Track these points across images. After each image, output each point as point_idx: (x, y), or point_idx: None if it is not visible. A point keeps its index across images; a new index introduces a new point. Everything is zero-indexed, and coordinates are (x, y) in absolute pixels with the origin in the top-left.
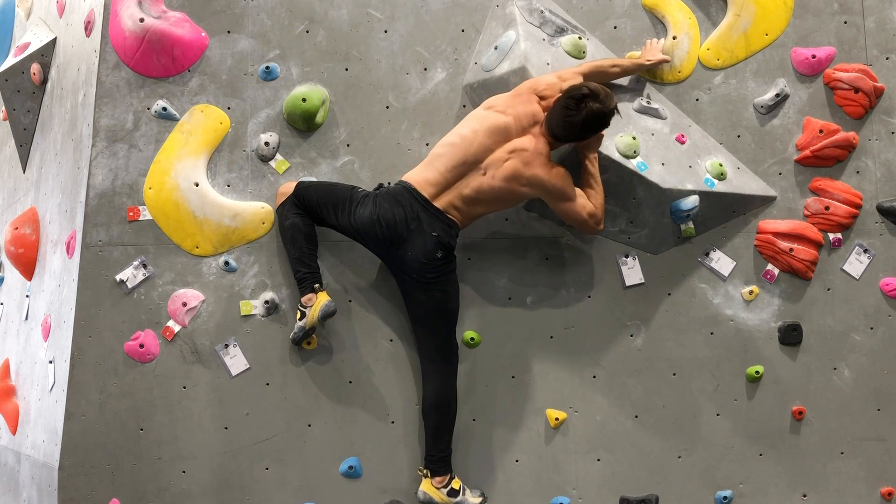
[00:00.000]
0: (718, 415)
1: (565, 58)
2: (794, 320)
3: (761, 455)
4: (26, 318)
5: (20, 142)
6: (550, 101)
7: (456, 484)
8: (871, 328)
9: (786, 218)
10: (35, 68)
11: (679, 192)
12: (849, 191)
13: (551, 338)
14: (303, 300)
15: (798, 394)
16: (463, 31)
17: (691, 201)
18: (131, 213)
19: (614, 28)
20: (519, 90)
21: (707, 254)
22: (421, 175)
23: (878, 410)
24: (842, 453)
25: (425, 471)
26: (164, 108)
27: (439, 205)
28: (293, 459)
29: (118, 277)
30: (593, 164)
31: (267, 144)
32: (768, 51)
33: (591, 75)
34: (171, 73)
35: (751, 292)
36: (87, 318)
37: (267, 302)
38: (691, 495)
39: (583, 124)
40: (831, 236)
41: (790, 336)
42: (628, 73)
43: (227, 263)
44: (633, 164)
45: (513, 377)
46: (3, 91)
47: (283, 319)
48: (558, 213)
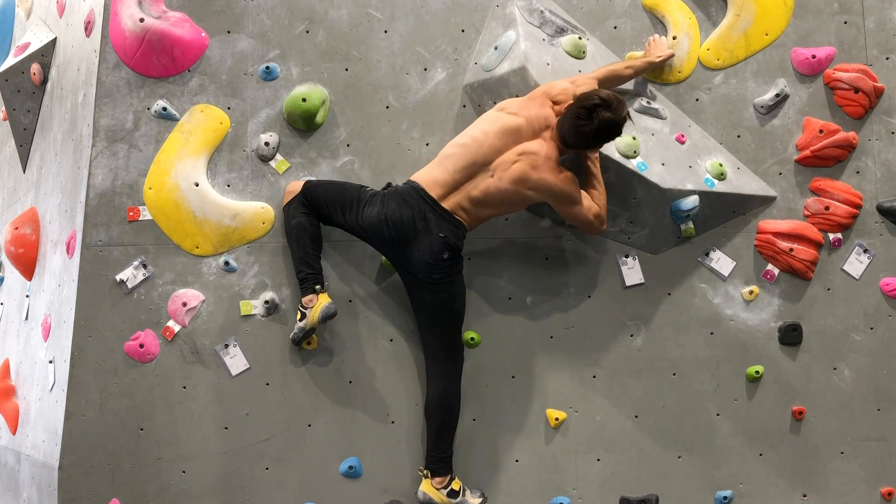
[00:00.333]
0: (718, 415)
1: (565, 58)
2: (794, 320)
3: (761, 455)
4: (26, 318)
5: (20, 142)
6: (563, 107)
7: (456, 485)
8: (871, 328)
9: (786, 218)
10: (35, 68)
11: (679, 192)
12: (849, 191)
13: (551, 338)
14: (304, 301)
15: (798, 394)
16: (463, 31)
17: (691, 201)
18: (131, 213)
19: (614, 28)
20: (533, 94)
21: (707, 254)
22: (429, 175)
23: (878, 410)
24: (842, 453)
25: (426, 471)
26: (164, 108)
27: (447, 205)
28: (293, 459)
29: (118, 277)
30: (595, 165)
31: (267, 144)
32: (768, 51)
33: (606, 80)
34: (171, 73)
35: (751, 292)
36: (87, 318)
37: (267, 302)
38: (691, 495)
39: (595, 134)
40: (831, 236)
41: (790, 336)
42: (641, 74)
43: (227, 263)
44: (633, 164)
45: (513, 377)
46: (3, 91)
47: (283, 319)
48: (564, 216)
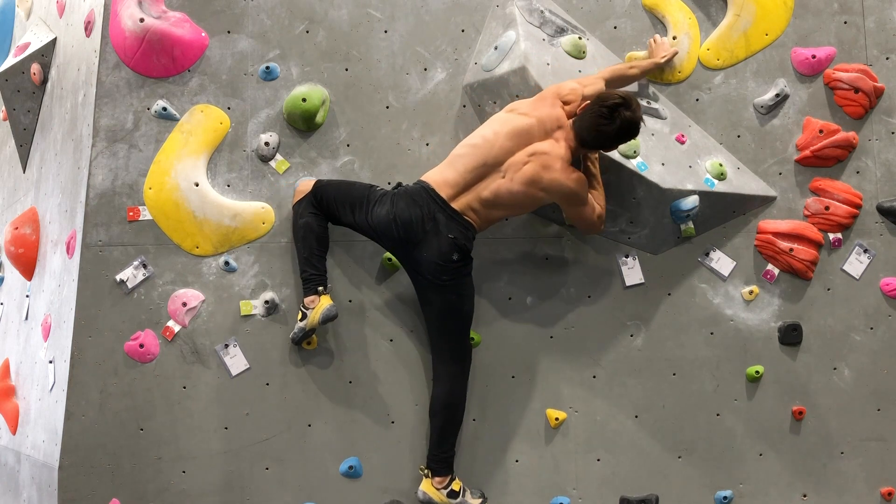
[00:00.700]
0: (718, 415)
1: (565, 58)
2: (794, 320)
3: (761, 455)
4: (26, 318)
5: (20, 142)
6: (573, 107)
7: (456, 485)
8: (871, 328)
9: (786, 218)
10: (35, 68)
11: (679, 192)
12: (849, 191)
13: (551, 338)
14: (306, 301)
15: (798, 394)
16: (463, 31)
17: (691, 201)
18: (131, 213)
19: (614, 28)
20: (543, 94)
21: (707, 254)
22: (440, 175)
23: (878, 410)
24: (842, 453)
25: (426, 470)
26: (164, 108)
27: (457, 206)
28: (293, 459)
29: (118, 277)
30: (595, 165)
31: (267, 144)
32: (768, 51)
33: (613, 80)
34: (171, 73)
35: (751, 292)
36: (87, 318)
37: (267, 302)
38: (691, 495)
39: (616, 133)
40: (831, 236)
41: (790, 336)
42: (647, 74)
43: (227, 263)
44: (633, 164)
45: (513, 377)
46: (3, 91)
47: (283, 319)
48: (570, 216)
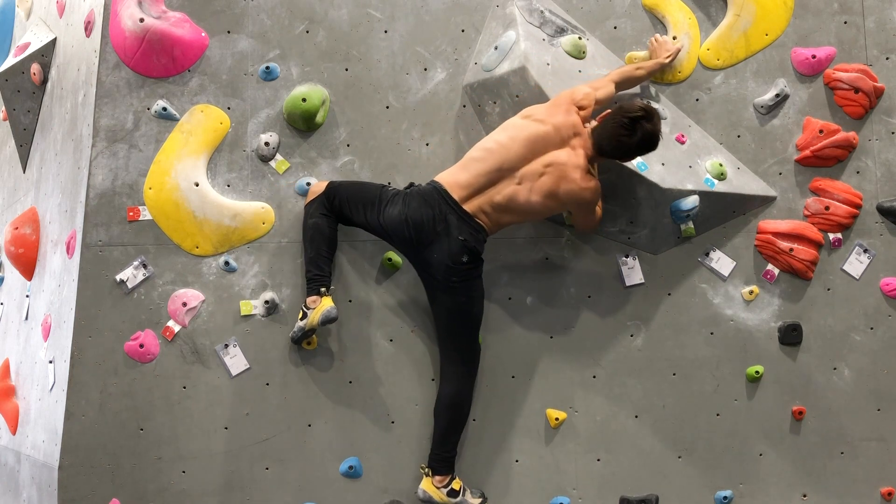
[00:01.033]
0: (718, 415)
1: (565, 58)
2: (794, 320)
3: (761, 455)
4: (26, 318)
5: (20, 142)
6: (588, 112)
7: (457, 484)
8: (871, 328)
9: (786, 218)
10: (35, 68)
11: (679, 192)
12: (849, 191)
13: (551, 338)
14: (308, 301)
15: (798, 394)
16: (463, 31)
17: (691, 201)
18: (131, 213)
19: (614, 28)
20: (558, 100)
21: (707, 254)
22: (453, 177)
23: (878, 410)
24: (842, 453)
25: (427, 469)
26: (164, 108)
27: (469, 208)
28: (293, 459)
29: (118, 277)
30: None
31: (267, 144)
32: (768, 51)
33: (622, 83)
34: (171, 73)
35: (751, 292)
36: (87, 318)
37: (267, 302)
38: (691, 495)
39: (637, 145)
40: (831, 236)
41: (790, 336)
42: (652, 75)
43: (227, 263)
44: (633, 164)
45: (513, 377)
46: (3, 91)
47: (283, 319)
48: (577, 218)
